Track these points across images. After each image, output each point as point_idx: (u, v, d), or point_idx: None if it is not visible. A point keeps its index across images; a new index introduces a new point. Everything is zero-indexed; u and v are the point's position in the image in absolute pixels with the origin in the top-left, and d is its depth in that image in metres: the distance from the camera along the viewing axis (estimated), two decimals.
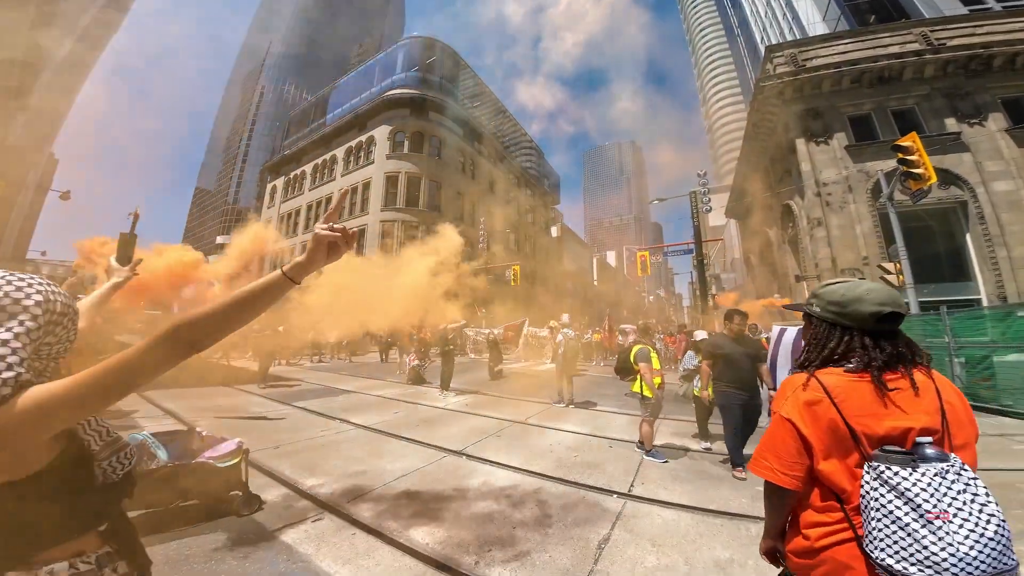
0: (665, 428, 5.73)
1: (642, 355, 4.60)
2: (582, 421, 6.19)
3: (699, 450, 4.84)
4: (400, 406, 7.20)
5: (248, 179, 74.47)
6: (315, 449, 4.66)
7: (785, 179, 16.57)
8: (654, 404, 4.50)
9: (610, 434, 5.52)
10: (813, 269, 14.19)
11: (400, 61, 34.06)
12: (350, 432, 5.44)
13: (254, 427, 5.59)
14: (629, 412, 6.69)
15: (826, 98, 15.80)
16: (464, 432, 5.44)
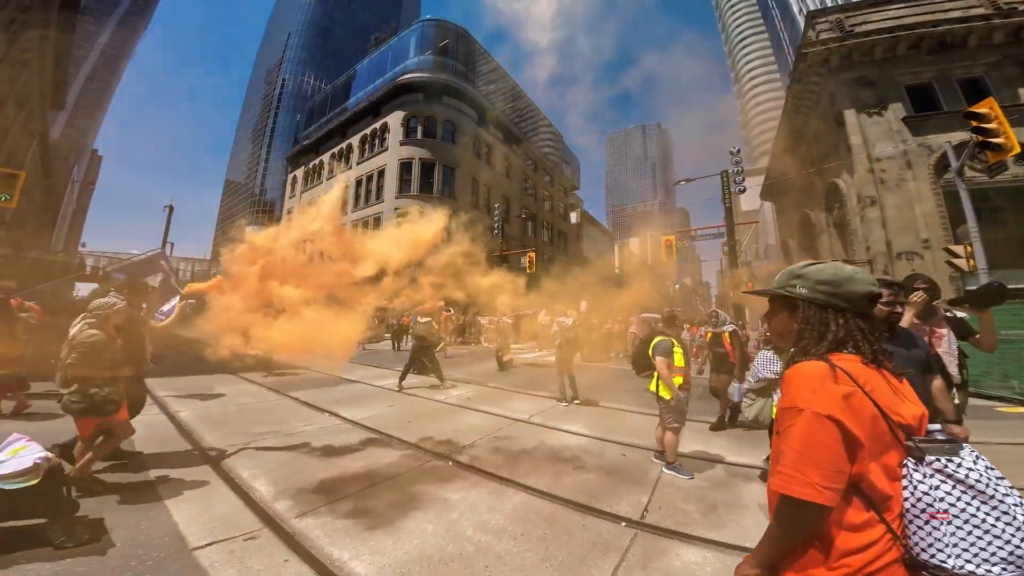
0: (690, 430, 4.93)
1: (662, 348, 3.82)
2: (593, 421, 5.48)
3: (736, 462, 4.05)
4: (398, 399, 6.70)
5: (273, 170, 76.19)
6: (287, 450, 4.17)
7: (831, 155, 14.89)
8: (675, 408, 3.74)
9: (623, 438, 4.81)
10: (864, 253, 12.71)
11: (413, 46, 33.28)
12: (329, 425, 4.96)
13: (232, 418, 5.19)
14: (648, 412, 5.93)
15: (879, 66, 14.04)
16: (458, 431, 4.85)
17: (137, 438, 4.20)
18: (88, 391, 2.92)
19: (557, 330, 6.92)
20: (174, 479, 3.33)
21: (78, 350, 2.95)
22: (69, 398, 2.92)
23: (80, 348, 2.95)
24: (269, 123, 79.98)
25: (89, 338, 2.98)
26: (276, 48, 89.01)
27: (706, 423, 5.38)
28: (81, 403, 2.91)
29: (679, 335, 4.12)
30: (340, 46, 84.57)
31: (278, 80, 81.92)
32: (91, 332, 3.02)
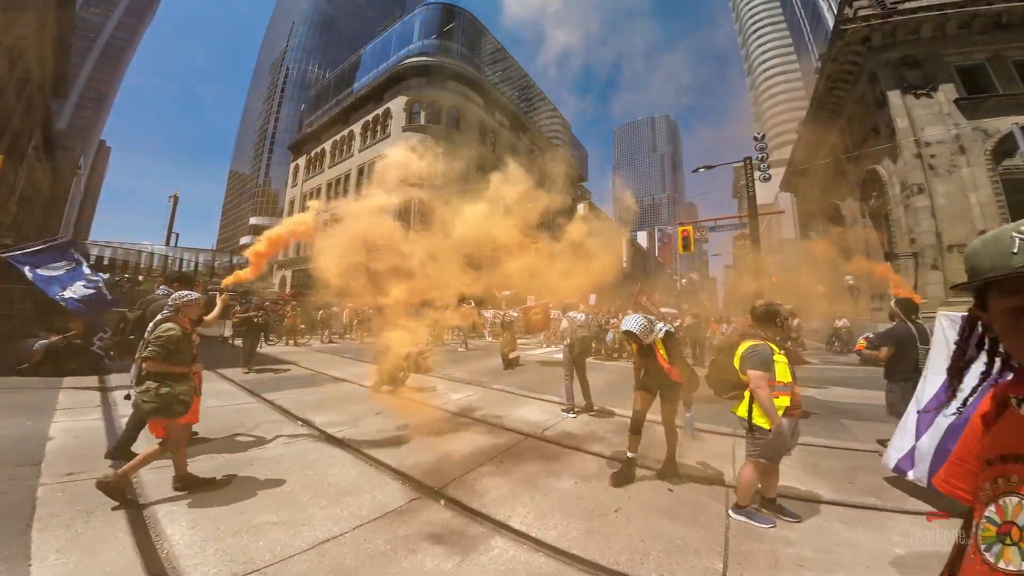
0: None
1: (756, 358, 2.74)
2: (618, 438, 4.48)
3: (827, 497, 3.05)
4: (382, 404, 5.74)
5: (277, 160, 75.41)
6: (232, 476, 3.22)
7: (871, 140, 13.63)
8: (772, 441, 2.69)
9: (660, 462, 3.80)
10: (908, 245, 11.53)
11: (417, 29, 32.06)
12: (300, 437, 4.00)
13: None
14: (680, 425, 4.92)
15: (926, 45, 12.77)
16: (457, 451, 3.87)
17: (57, 449, 3.59)
18: (161, 390, 2.74)
19: (567, 327, 5.70)
20: (58, 521, 2.41)
21: (154, 344, 2.78)
22: (141, 396, 2.75)
23: (156, 342, 2.78)
24: (273, 113, 79.01)
25: (165, 331, 2.82)
26: (280, 38, 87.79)
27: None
28: (153, 402, 2.72)
29: (778, 337, 2.94)
30: (345, 36, 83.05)
31: (282, 70, 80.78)
32: (167, 326, 2.86)
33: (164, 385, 2.75)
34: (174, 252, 53.43)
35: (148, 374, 2.75)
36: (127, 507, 2.64)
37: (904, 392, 4.31)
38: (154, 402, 2.71)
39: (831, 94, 15.81)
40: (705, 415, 5.37)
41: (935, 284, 10.56)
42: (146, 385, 2.73)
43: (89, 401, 5.32)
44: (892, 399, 4.28)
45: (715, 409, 5.78)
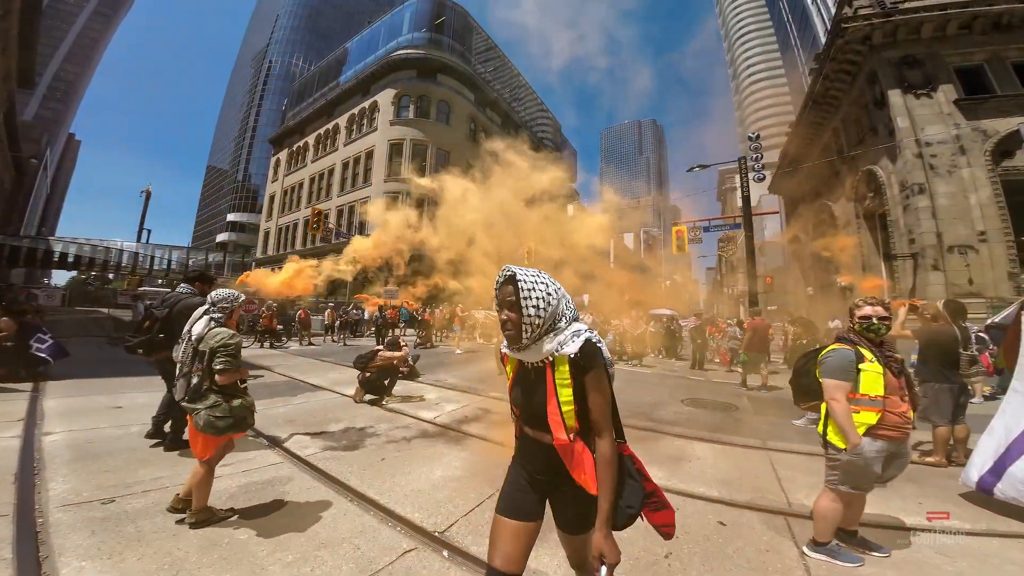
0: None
1: (829, 364, 2.27)
2: (646, 459, 3.90)
3: (910, 523, 2.54)
4: (370, 417, 5.03)
5: (258, 156, 72.92)
6: (160, 517, 2.50)
7: (868, 140, 13.54)
8: (848, 464, 2.18)
9: (701, 487, 3.27)
10: (907, 246, 11.37)
11: (407, 21, 31.17)
12: (255, 467, 3.29)
13: (119, 449, 3.49)
14: (712, 438, 4.38)
15: (926, 45, 12.76)
16: (455, 478, 3.22)
17: None
18: (233, 402, 2.50)
19: None
20: None
21: (225, 355, 2.46)
22: (211, 414, 2.41)
23: (226, 352, 2.47)
24: (255, 106, 76.42)
25: (231, 339, 2.52)
26: (264, 30, 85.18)
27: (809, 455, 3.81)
28: (228, 417, 2.45)
29: (874, 342, 2.31)
30: (331, 29, 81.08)
31: (265, 63, 78.26)
32: (228, 332, 2.57)
33: (234, 397, 2.50)
34: (145, 249, 50.83)
35: (213, 388, 2.44)
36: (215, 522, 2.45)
37: (939, 396, 3.96)
38: (229, 417, 2.43)
39: (827, 94, 15.73)
40: (768, 430, 4.89)
41: (936, 285, 10.42)
42: (213, 400, 2.43)
43: (9, 414, 4.47)
44: (924, 404, 3.90)
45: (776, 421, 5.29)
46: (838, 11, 14.52)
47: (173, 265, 50.14)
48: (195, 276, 4.08)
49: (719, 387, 7.97)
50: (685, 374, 9.51)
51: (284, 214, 34.97)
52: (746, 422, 5.38)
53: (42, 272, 59.47)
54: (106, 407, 5.03)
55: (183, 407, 2.51)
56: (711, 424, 5.21)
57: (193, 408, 2.44)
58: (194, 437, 2.49)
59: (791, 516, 2.91)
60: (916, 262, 10.94)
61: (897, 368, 2.29)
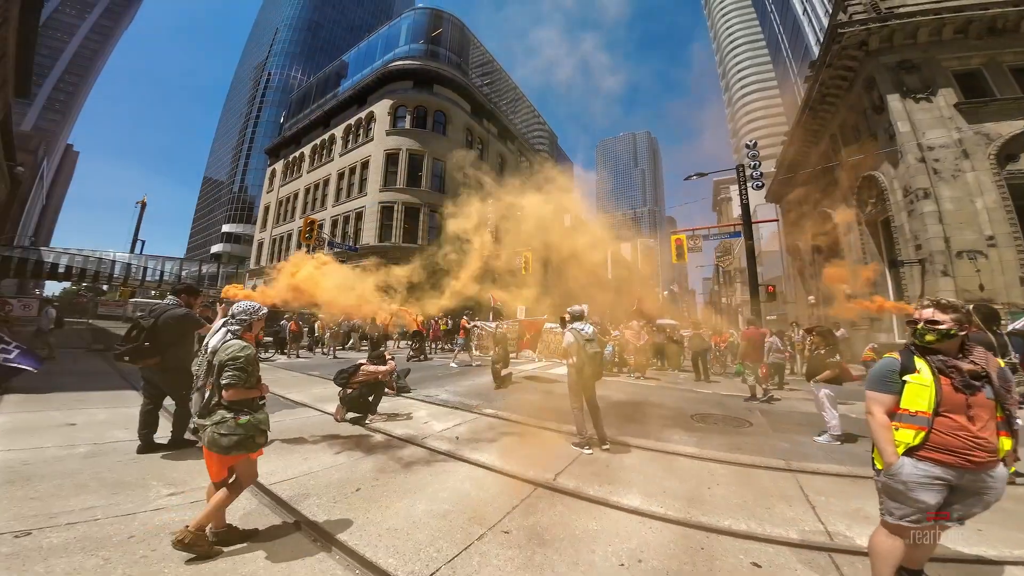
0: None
1: (872, 375, 1.98)
2: (653, 480, 3.45)
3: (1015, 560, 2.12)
4: (353, 438, 4.56)
5: (255, 167, 72.93)
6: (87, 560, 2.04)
7: (868, 145, 13.41)
8: (888, 488, 1.87)
9: (727, 518, 2.84)
10: (913, 252, 11.10)
11: (404, 33, 31.39)
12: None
13: (56, 474, 3.01)
14: (729, 459, 3.92)
15: (923, 49, 12.76)
16: (444, 512, 2.76)
17: None
18: (240, 419, 2.29)
19: (572, 342, 4.42)
20: None
21: (233, 368, 2.29)
22: (216, 430, 2.25)
23: (235, 365, 2.30)
24: (252, 118, 76.74)
25: (243, 352, 2.36)
26: (263, 43, 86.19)
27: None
28: (234, 434, 2.26)
29: (930, 350, 1.95)
30: (330, 42, 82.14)
31: (263, 75, 78.91)
32: (241, 344, 2.40)
33: (242, 414, 2.32)
34: (138, 260, 50.24)
35: (221, 403, 2.31)
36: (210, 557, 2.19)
37: None
38: (235, 434, 2.26)
39: (823, 101, 15.68)
40: (789, 448, 4.43)
41: (946, 291, 10.11)
42: (220, 416, 2.29)
43: None
44: None
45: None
46: (833, 16, 14.55)
47: (166, 276, 49.53)
48: (182, 288, 4.18)
49: (727, 401, 7.54)
50: (690, 387, 9.07)
51: (279, 225, 34.60)
52: (764, 440, 4.94)
53: (34, 283, 58.64)
54: (58, 424, 4.55)
55: (195, 423, 2.39)
56: (727, 443, 4.77)
57: (201, 424, 2.31)
58: (208, 456, 2.35)
59: (835, 552, 2.49)
60: (924, 268, 10.66)
61: (964, 382, 1.88)
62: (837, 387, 4.94)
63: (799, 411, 6.76)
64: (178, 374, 3.83)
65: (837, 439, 4.77)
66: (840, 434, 4.80)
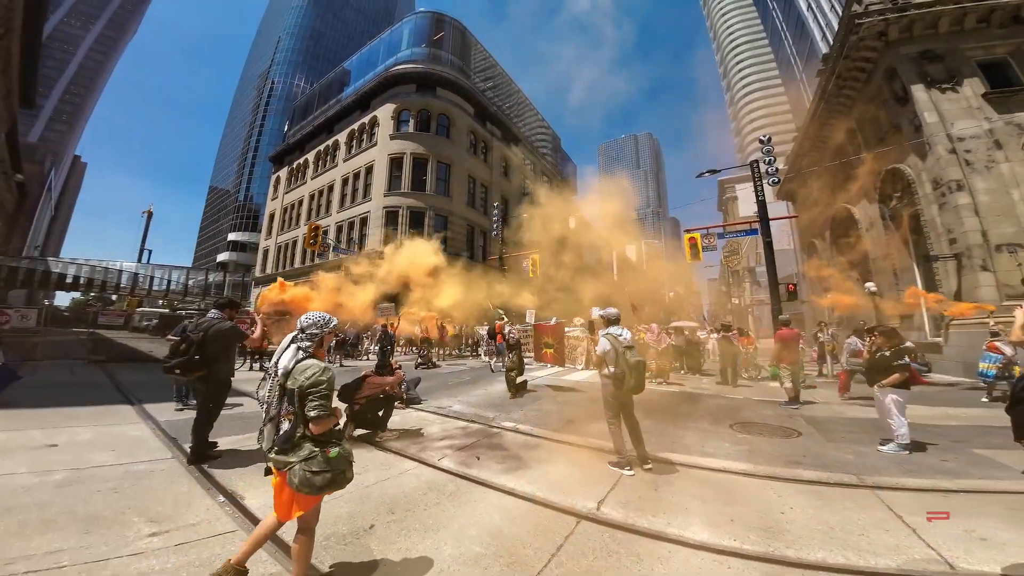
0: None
1: None
2: (716, 508, 2.95)
3: None
4: (361, 462, 4.09)
5: (260, 175, 73.32)
6: None
7: (891, 138, 12.90)
8: None
9: (818, 553, 2.36)
10: (947, 247, 10.52)
11: (406, 38, 31.28)
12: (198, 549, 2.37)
13: (25, 506, 2.58)
14: (806, 479, 3.41)
15: (945, 39, 12.28)
16: (472, 565, 2.28)
17: None
18: (330, 453, 1.97)
19: (608, 348, 3.86)
20: None
21: (318, 397, 1.95)
22: (307, 468, 1.90)
23: (320, 393, 1.95)
24: (257, 127, 77.27)
25: (324, 375, 2.00)
26: (266, 53, 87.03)
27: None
28: (327, 471, 1.93)
29: None
30: (332, 50, 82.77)
31: (267, 83, 79.55)
32: (320, 366, 2.04)
33: (330, 445, 2.01)
34: (146, 269, 50.40)
35: (307, 435, 1.99)
36: None
37: None
38: (327, 471, 1.94)
39: (840, 93, 15.18)
40: (854, 460, 3.77)
41: (987, 287, 9.55)
42: (308, 451, 1.96)
43: None
44: None
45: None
46: (847, 7, 14.09)
47: (173, 285, 49.59)
48: (224, 303, 4.36)
49: (762, 407, 7.00)
50: (718, 392, 8.53)
51: (283, 232, 34.43)
52: (822, 451, 4.43)
53: (44, 293, 59.00)
54: (37, 445, 4.12)
55: (271, 459, 2.03)
56: (780, 455, 4.26)
57: (284, 461, 1.96)
58: (279, 492, 2.03)
59: None
60: (960, 263, 10.09)
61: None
62: (905, 392, 4.43)
63: (845, 416, 6.23)
64: (218, 385, 4.04)
65: (905, 448, 4.27)
66: (909, 443, 4.29)
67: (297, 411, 1.97)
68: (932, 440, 4.66)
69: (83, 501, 2.92)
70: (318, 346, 2.18)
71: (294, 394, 1.96)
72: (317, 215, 30.15)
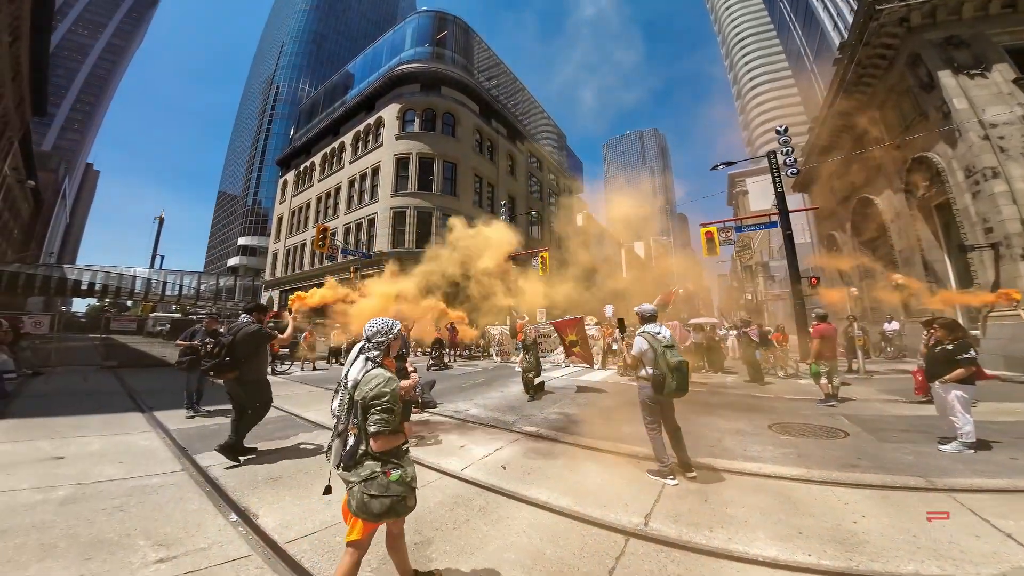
0: None
1: None
2: (792, 524, 2.64)
3: None
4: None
5: (267, 180, 73.94)
6: None
7: (918, 126, 12.38)
8: None
9: (908, 566, 2.06)
10: (983, 236, 10.02)
11: (409, 37, 31.12)
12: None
13: (24, 527, 2.37)
14: (869, 483, 3.08)
15: (970, 25, 11.78)
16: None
17: None
18: (392, 475, 1.78)
19: (647, 348, 3.53)
20: None
21: (381, 407, 1.79)
22: (366, 490, 1.75)
23: (385, 405, 1.80)
24: (263, 132, 77.93)
25: (387, 384, 1.84)
26: (270, 58, 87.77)
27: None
28: (387, 495, 1.76)
29: None
30: (336, 53, 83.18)
31: (272, 88, 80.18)
32: (386, 374, 1.90)
33: (392, 466, 1.82)
34: (158, 275, 51.05)
35: (370, 453, 1.83)
36: None
37: None
38: (387, 496, 1.77)
39: (860, 81, 14.64)
40: (915, 461, 3.30)
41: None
42: (370, 471, 1.79)
43: None
44: None
45: None
46: None
47: (185, 290, 50.16)
48: (253, 307, 4.58)
49: (797, 405, 6.64)
50: (746, 390, 8.17)
51: (292, 235, 34.52)
52: (877, 452, 4.11)
53: (61, 300, 60.10)
54: (44, 457, 3.94)
55: (339, 475, 1.90)
56: (832, 458, 3.94)
57: (347, 480, 1.84)
58: (347, 512, 1.88)
59: None
60: (998, 252, 9.59)
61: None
62: (970, 387, 4.08)
63: (890, 414, 5.86)
64: (252, 386, 4.17)
65: (970, 447, 3.94)
66: (974, 441, 3.95)
67: (360, 425, 1.85)
68: (994, 437, 4.30)
69: (87, 522, 2.70)
70: (385, 355, 2.06)
71: (358, 406, 1.86)
72: (324, 217, 30.15)
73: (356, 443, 1.87)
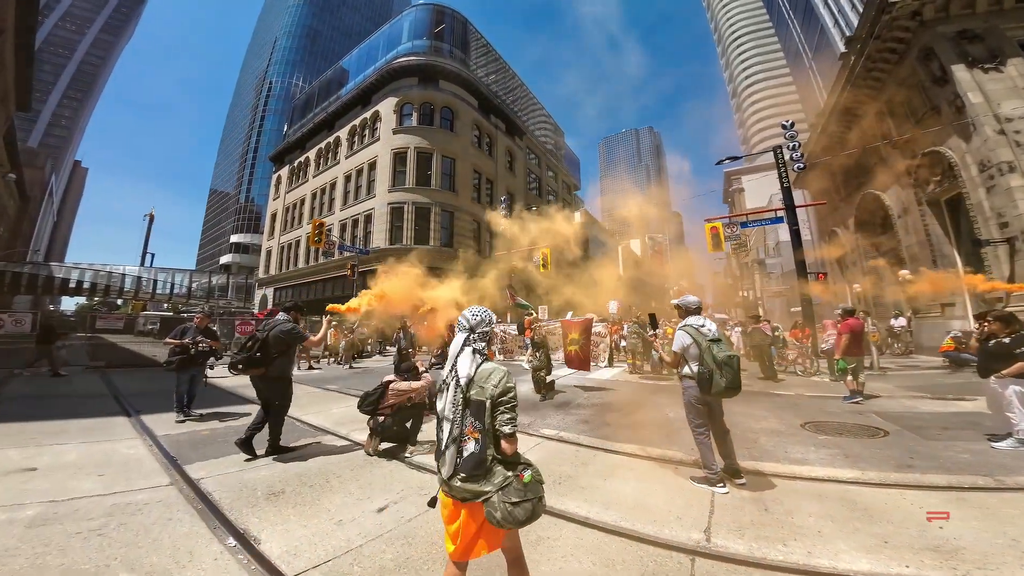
0: None
1: None
2: (874, 533, 2.31)
3: None
4: (384, 487, 3.46)
5: (260, 176, 72.80)
6: None
7: (929, 120, 12.20)
8: None
9: None
10: (998, 231, 9.84)
11: (406, 30, 30.55)
12: None
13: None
14: (933, 484, 2.77)
15: (983, 19, 11.63)
16: None
17: None
18: (525, 477, 1.62)
19: (690, 342, 3.24)
20: None
21: (509, 405, 1.67)
22: (507, 499, 1.56)
23: (511, 401, 1.68)
24: (256, 128, 76.69)
25: (510, 380, 1.72)
26: (263, 53, 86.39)
27: None
28: (528, 499, 1.58)
29: None
30: (329, 48, 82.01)
31: (265, 84, 78.89)
32: (503, 369, 1.73)
33: (521, 467, 1.64)
34: (149, 273, 50.05)
35: (497, 458, 1.62)
36: None
37: None
38: (527, 500, 1.56)
39: (869, 75, 14.44)
40: (972, 460, 2.92)
41: None
42: (503, 477, 1.58)
43: None
44: None
45: None
46: None
47: (176, 289, 49.21)
48: (290, 306, 4.63)
49: (821, 403, 6.37)
50: (762, 388, 7.90)
51: (286, 232, 33.85)
52: (927, 451, 3.84)
53: (50, 299, 58.75)
54: (14, 469, 3.53)
55: (452, 487, 1.63)
56: (882, 458, 3.68)
57: (477, 491, 1.58)
58: (466, 528, 1.61)
59: None
60: (1013, 247, 9.43)
61: None
62: None
63: (922, 411, 5.61)
64: (278, 384, 4.16)
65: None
66: None
67: (486, 427, 1.63)
68: None
69: (58, 549, 2.31)
70: (489, 346, 1.88)
71: (482, 407, 1.64)
72: (320, 213, 29.55)
73: (482, 448, 1.61)
